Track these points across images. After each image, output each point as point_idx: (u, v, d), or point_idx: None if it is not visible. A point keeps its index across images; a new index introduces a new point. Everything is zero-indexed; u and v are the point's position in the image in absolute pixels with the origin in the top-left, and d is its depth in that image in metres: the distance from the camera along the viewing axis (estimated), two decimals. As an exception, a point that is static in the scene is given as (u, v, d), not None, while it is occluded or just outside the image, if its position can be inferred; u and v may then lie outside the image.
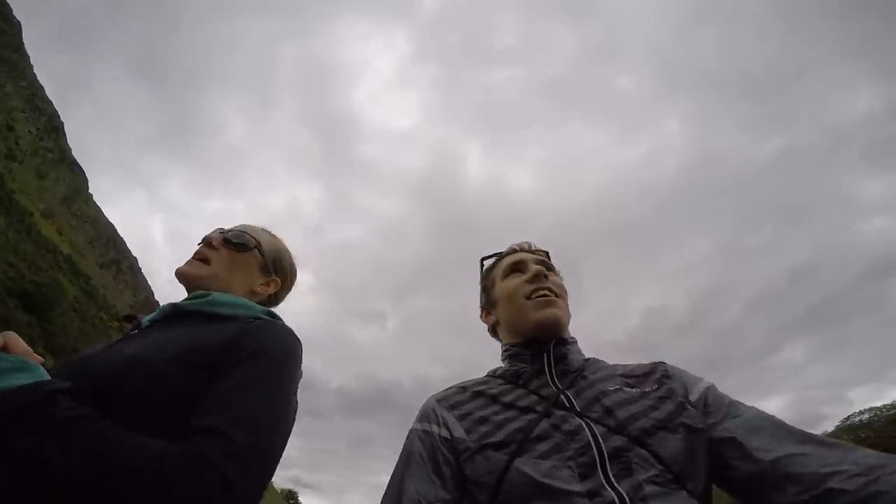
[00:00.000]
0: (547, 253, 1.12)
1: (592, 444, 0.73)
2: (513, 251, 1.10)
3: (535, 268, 0.98)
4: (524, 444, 0.75)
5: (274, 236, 1.13)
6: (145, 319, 0.89)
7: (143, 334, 0.84)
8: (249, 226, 1.09)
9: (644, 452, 0.72)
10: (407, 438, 0.88)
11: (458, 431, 0.83)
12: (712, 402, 0.81)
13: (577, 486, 0.69)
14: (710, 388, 0.84)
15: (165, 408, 0.67)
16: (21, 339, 0.67)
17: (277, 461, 0.70)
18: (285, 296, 1.12)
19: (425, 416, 0.89)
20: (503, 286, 1.02)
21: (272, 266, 1.06)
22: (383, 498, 0.81)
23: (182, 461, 0.59)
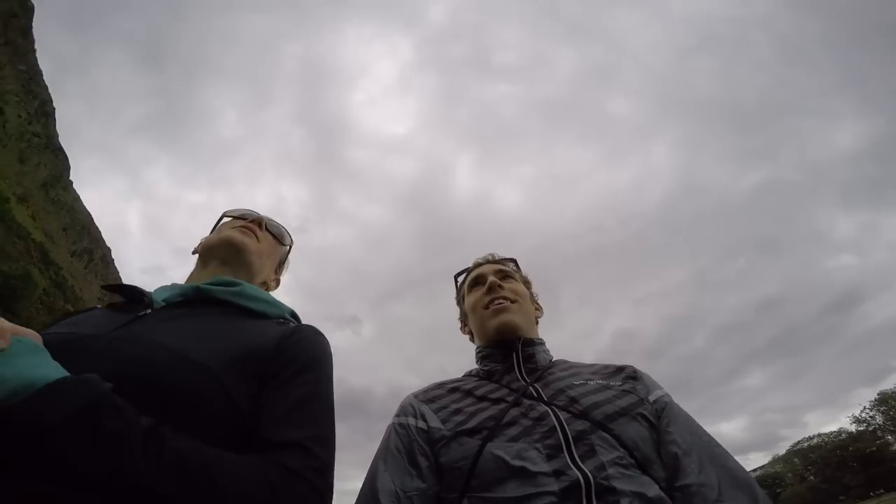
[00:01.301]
0: (514, 260, 1.24)
1: (557, 427, 0.80)
2: (476, 265, 1.21)
3: (490, 280, 1.08)
4: (495, 429, 0.82)
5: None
6: (159, 297, 0.77)
7: (164, 318, 0.73)
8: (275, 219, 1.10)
9: (607, 436, 0.78)
10: (385, 432, 0.93)
11: (435, 422, 0.89)
12: (667, 409, 0.89)
13: (544, 467, 0.74)
14: (667, 396, 0.93)
15: (226, 419, 0.61)
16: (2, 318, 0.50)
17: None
18: None
19: (403, 410, 0.95)
20: (468, 300, 1.15)
21: (285, 264, 1.12)
22: (361, 490, 0.85)
23: (282, 478, 0.57)
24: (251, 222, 1.00)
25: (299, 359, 0.74)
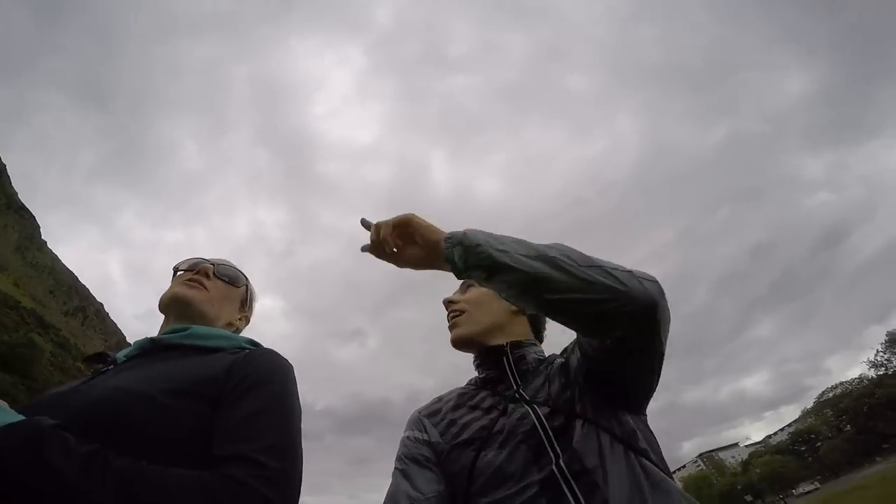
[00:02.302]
0: None
1: (537, 424, 0.85)
2: None
3: (444, 298, 1.14)
4: (487, 439, 0.87)
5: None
6: (120, 355, 0.87)
7: (122, 369, 0.81)
8: (227, 260, 1.12)
9: (580, 421, 0.83)
10: (399, 445, 1.01)
11: (435, 436, 0.96)
12: (572, 346, 0.97)
13: (531, 465, 0.80)
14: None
15: (175, 442, 0.66)
16: None
17: (300, 472, 0.72)
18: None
19: (410, 425, 1.04)
20: None
21: (248, 302, 1.13)
22: (385, 499, 0.91)
23: (225, 488, 0.60)
24: (197, 273, 1.02)
25: (249, 378, 0.76)
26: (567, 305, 0.73)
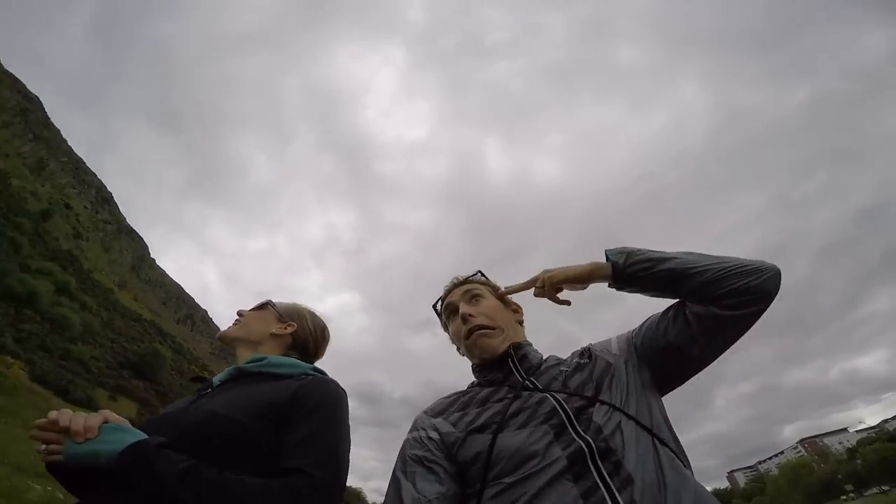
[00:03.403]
0: (478, 272, 1.26)
1: (558, 408, 0.87)
2: (447, 292, 1.23)
3: (461, 311, 1.12)
4: (503, 422, 0.88)
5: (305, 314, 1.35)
6: (216, 380, 1.09)
7: (216, 393, 1.03)
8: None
9: (601, 405, 0.86)
10: (401, 448, 0.98)
11: (446, 428, 0.95)
12: (626, 337, 1.03)
13: (553, 444, 0.81)
14: (619, 335, 1.06)
15: (250, 456, 0.88)
16: (114, 413, 0.89)
17: (342, 484, 0.92)
18: (324, 352, 1.35)
19: (415, 426, 1.02)
20: (451, 329, 1.19)
21: (286, 316, 1.30)
22: (385, 501, 0.91)
23: (282, 493, 0.82)
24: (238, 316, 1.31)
25: (307, 404, 0.96)
26: (711, 276, 0.86)
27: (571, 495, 0.74)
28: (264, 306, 1.33)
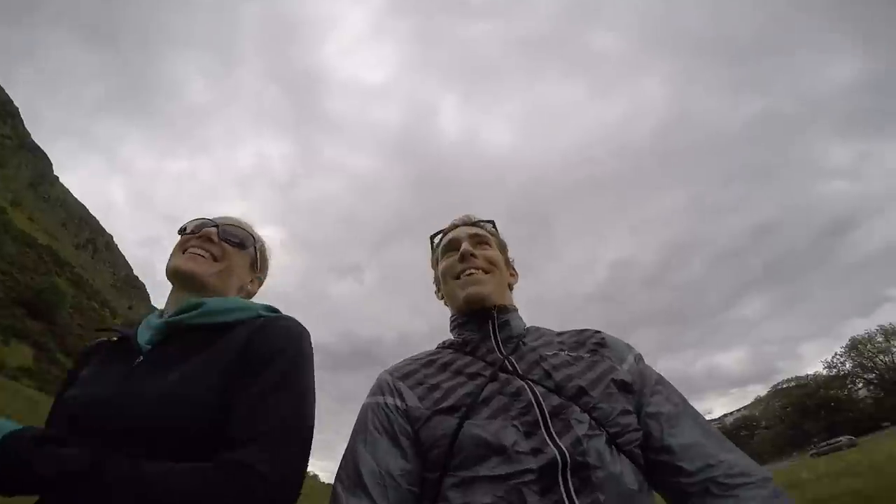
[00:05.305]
0: (492, 221, 1.19)
1: (534, 403, 0.79)
2: (452, 227, 1.16)
3: (464, 247, 1.04)
4: (473, 407, 0.80)
5: (252, 228, 1.11)
6: (143, 341, 0.86)
7: (155, 360, 0.81)
8: (236, 219, 1.08)
9: (580, 410, 0.78)
10: (360, 413, 0.91)
11: (412, 400, 0.87)
12: (641, 373, 0.92)
13: (522, 444, 0.74)
14: (639, 359, 0.96)
15: (211, 436, 0.70)
16: None
17: (309, 451, 0.74)
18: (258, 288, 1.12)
19: (379, 388, 0.93)
20: (441, 266, 1.10)
21: (259, 263, 1.08)
22: (339, 471, 0.83)
23: (224, 483, 0.63)
24: (200, 238, 0.98)
25: (262, 352, 0.78)
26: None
27: None
28: (246, 243, 1.04)
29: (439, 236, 1.19)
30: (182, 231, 1.03)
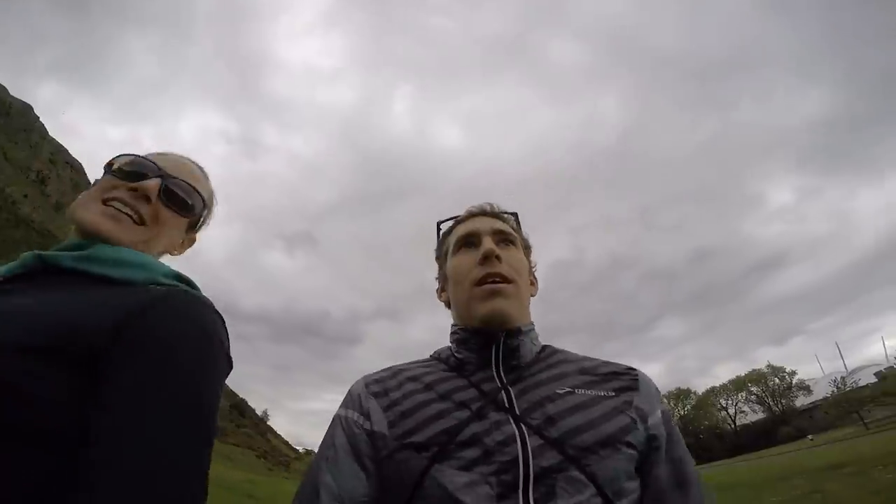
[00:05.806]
0: (515, 215, 0.99)
1: (521, 459, 0.65)
2: (469, 215, 0.94)
3: (486, 246, 0.83)
4: (446, 449, 0.67)
5: (206, 176, 0.87)
6: (2, 270, 0.62)
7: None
8: (187, 165, 0.82)
9: (577, 474, 0.64)
10: (331, 423, 0.80)
11: (381, 424, 0.75)
12: (664, 432, 0.76)
13: None
14: (668, 417, 0.80)
15: (22, 423, 0.46)
16: None
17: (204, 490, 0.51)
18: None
19: (350, 401, 0.80)
20: (453, 263, 0.89)
21: (199, 224, 0.86)
22: (301, 485, 0.75)
23: None
24: (131, 190, 0.71)
25: (144, 338, 0.53)
26: None
27: None
28: (190, 210, 0.79)
29: (449, 223, 0.98)
30: (108, 168, 0.76)
